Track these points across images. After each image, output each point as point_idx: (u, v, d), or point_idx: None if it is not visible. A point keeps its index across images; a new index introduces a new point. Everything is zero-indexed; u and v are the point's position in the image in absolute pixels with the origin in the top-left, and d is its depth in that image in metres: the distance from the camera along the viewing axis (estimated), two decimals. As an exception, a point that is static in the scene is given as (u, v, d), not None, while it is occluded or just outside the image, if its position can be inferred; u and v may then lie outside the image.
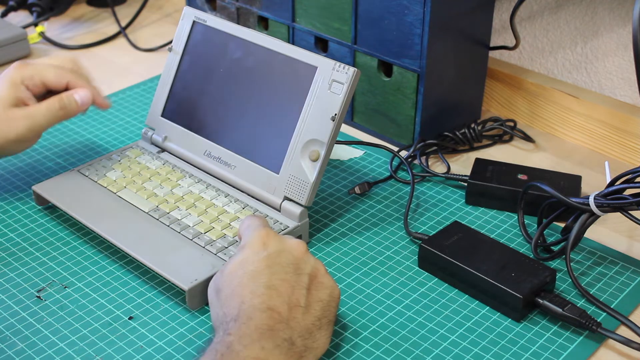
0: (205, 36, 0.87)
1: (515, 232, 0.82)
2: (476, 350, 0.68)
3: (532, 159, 0.96)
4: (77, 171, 0.87)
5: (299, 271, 0.65)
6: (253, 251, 0.65)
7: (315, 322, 0.63)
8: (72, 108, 0.83)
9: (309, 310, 0.63)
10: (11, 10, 1.26)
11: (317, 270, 0.66)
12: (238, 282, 0.63)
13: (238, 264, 0.65)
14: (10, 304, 0.72)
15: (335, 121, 0.76)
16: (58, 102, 0.82)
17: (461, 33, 0.93)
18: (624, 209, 0.73)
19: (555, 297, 0.71)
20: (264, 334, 0.59)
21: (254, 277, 0.63)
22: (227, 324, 0.61)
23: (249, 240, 0.67)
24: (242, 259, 0.65)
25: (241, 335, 0.59)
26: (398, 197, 0.88)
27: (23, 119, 0.81)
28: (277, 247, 0.66)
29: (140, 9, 1.30)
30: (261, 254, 0.65)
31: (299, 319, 0.62)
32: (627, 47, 0.97)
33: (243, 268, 0.64)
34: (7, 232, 0.82)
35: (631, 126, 0.93)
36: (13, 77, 0.82)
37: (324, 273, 0.66)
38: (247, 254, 0.65)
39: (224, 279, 0.65)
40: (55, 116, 0.82)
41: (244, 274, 0.63)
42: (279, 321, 0.61)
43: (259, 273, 0.63)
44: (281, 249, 0.66)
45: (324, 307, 0.64)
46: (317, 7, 0.98)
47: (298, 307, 0.62)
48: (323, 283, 0.65)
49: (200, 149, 0.86)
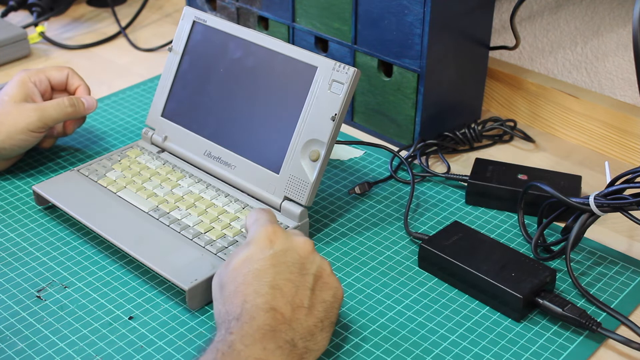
0: (205, 36, 0.87)
1: (515, 232, 0.82)
2: (476, 350, 0.68)
3: (532, 159, 0.96)
4: (77, 171, 0.87)
5: (304, 271, 0.64)
6: (259, 248, 0.65)
7: (318, 324, 0.63)
8: (80, 108, 0.90)
9: (312, 312, 0.63)
10: (11, 10, 1.26)
11: (322, 271, 0.65)
12: (242, 280, 0.63)
13: (243, 261, 0.64)
14: (10, 304, 0.72)
15: (335, 121, 0.76)
16: (68, 100, 0.88)
17: (461, 33, 0.93)
18: (624, 209, 0.73)
19: (555, 297, 0.71)
20: (266, 335, 0.59)
21: (258, 276, 0.63)
22: (229, 322, 0.60)
23: (256, 236, 0.66)
24: (248, 256, 0.64)
25: (243, 334, 0.59)
26: (398, 197, 0.88)
27: (34, 110, 0.86)
28: (284, 245, 0.65)
29: (140, 9, 1.30)
30: (267, 252, 0.64)
31: (301, 320, 0.62)
32: (627, 47, 0.97)
33: (248, 265, 0.64)
34: (7, 232, 0.82)
35: (631, 126, 0.93)
36: (21, 76, 0.90)
37: (329, 273, 0.66)
38: (252, 251, 0.65)
39: (228, 275, 0.64)
40: (64, 112, 0.88)
41: (248, 272, 0.63)
42: (282, 322, 0.60)
43: (263, 272, 0.63)
44: (287, 247, 0.65)
45: (327, 308, 0.64)
46: (317, 7, 0.98)
47: (301, 308, 0.62)
48: (328, 283, 0.65)
49: (200, 149, 0.86)
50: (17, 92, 0.88)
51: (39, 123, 0.86)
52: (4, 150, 0.86)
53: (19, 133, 0.86)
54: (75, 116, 0.90)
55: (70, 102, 0.88)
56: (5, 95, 0.88)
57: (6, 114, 0.86)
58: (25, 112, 0.86)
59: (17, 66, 1.17)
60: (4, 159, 0.89)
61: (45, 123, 0.87)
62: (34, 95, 0.89)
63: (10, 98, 0.87)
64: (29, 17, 1.28)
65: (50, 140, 0.93)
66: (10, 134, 0.85)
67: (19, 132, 0.86)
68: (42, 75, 0.90)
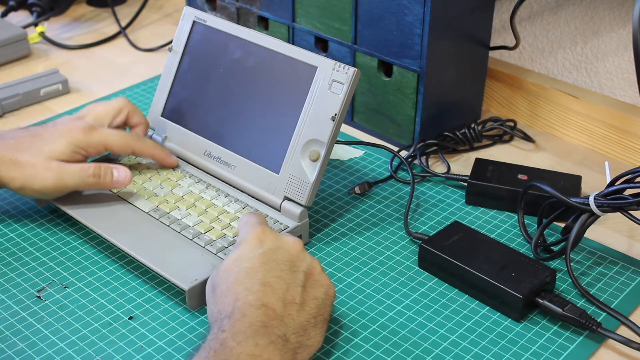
0: (205, 36, 0.87)
1: (515, 232, 0.82)
2: (476, 350, 0.68)
3: (532, 159, 0.96)
4: (77, 171, 0.87)
5: (294, 268, 0.65)
6: (249, 248, 0.66)
7: (310, 320, 0.63)
8: (106, 181, 0.79)
9: (304, 308, 0.63)
10: (11, 10, 1.26)
11: (313, 269, 0.66)
12: (233, 279, 0.63)
13: (233, 261, 0.65)
14: (10, 304, 0.72)
15: (335, 121, 0.76)
16: (93, 169, 0.79)
17: (461, 33, 0.93)
18: (624, 209, 0.73)
19: (555, 297, 0.71)
20: (258, 331, 0.59)
21: (249, 274, 0.63)
22: (221, 321, 0.61)
23: (245, 237, 0.67)
24: (238, 256, 0.65)
25: (235, 332, 0.59)
26: (398, 197, 0.88)
27: (53, 172, 0.77)
28: (273, 244, 0.66)
29: (140, 9, 1.30)
30: (257, 251, 0.65)
31: (293, 315, 0.62)
32: (627, 47, 0.97)
33: (238, 265, 0.64)
34: (7, 232, 0.82)
35: (631, 126, 0.93)
36: (79, 140, 0.79)
37: (320, 271, 0.67)
38: (243, 251, 0.66)
39: (219, 275, 0.65)
40: (84, 182, 0.79)
41: (239, 271, 0.64)
42: (274, 318, 0.61)
43: (254, 270, 0.63)
44: (277, 246, 0.66)
45: (320, 305, 0.64)
46: (317, 7, 0.98)
47: (293, 304, 0.62)
48: (319, 281, 0.66)
49: (200, 149, 0.86)
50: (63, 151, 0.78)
51: (52, 190, 0.78)
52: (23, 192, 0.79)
53: (32, 192, 0.78)
54: (98, 188, 0.80)
55: (94, 173, 0.79)
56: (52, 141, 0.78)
57: (31, 166, 0.77)
58: (45, 172, 0.77)
59: (17, 66, 1.17)
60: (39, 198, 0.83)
61: (59, 190, 0.78)
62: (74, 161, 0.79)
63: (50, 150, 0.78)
64: (29, 17, 1.28)
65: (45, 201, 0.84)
66: (25, 185, 0.77)
67: (32, 192, 0.78)
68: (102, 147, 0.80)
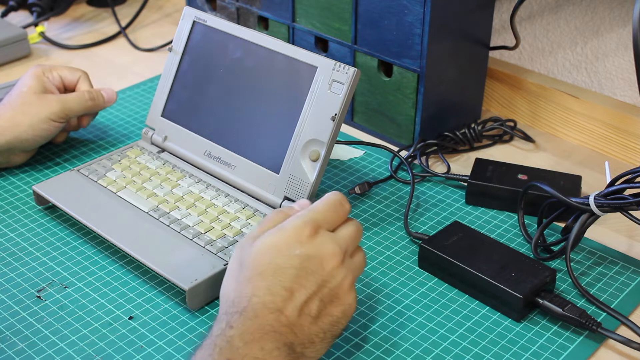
0: (205, 36, 0.87)
1: (515, 232, 0.82)
2: (476, 350, 0.68)
3: (532, 159, 0.96)
4: (77, 171, 0.87)
5: (322, 283, 0.62)
6: (287, 243, 0.62)
7: (320, 334, 0.62)
8: (99, 101, 0.92)
9: (317, 322, 0.61)
10: (11, 10, 1.26)
11: (341, 286, 0.63)
12: (260, 271, 0.61)
13: (268, 248, 0.62)
14: (10, 304, 0.72)
15: (335, 121, 0.76)
16: (88, 93, 0.91)
17: (461, 33, 0.93)
18: (624, 209, 0.73)
19: (555, 297, 0.71)
20: (266, 335, 0.58)
21: (276, 272, 0.61)
22: (232, 315, 0.59)
23: (291, 225, 0.63)
24: (274, 244, 0.62)
25: (243, 331, 0.58)
26: (398, 197, 0.88)
27: (56, 101, 0.88)
28: (311, 251, 0.62)
29: (140, 9, 1.30)
30: (293, 251, 0.62)
31: (305, 327, 0.61)
32: (627, 47, 0.97)
33: (271, 257, 0.61)
34: (7, 232, 0.82)
35: (631, 126, 0.93)
36: (34, 71, 0.90)
37: (348, 289, 0.63)
38: (281, 241, 0.62)
39: (251, 256, 0.62)
40: (84, 105, 0.90)
41: (269, 263, 0.61)
42: (285, 325, 0.59)
43: (282, 270, 0.61)
44: (314, 254, 0.62)
45: (333, 322, 0.62)
46: (317, 7, 0.98)
47: (308, 316, 0.61)
48: (341, 299, 0.63)
49: (200, 149, 0.86)
50: (35, 84, 0.89)
51: (61, 113, 0.88)
52: (26, 142, 0.88)
53: (42, 122, 0.87)
54: (95, 109, 0.92)
55: (90, 96, 0.91)
56: (23, 86, 0.89)
57: (28, 104, 0.87)
58: (47, 102, 0.88)
59: (17, 66, 1.17)
60: (24, 151, 0.90)
61: (66, 114, 0.89)
62: (51, 88, 0.90)
63: (29, 89, 0.88)
64: (29, 17, 1.28)
65: (63, 135, 0.95)
66: (33, 124, 0.87)
67: (42, 122, 0.87)
68: (56, 73, 0.92)
